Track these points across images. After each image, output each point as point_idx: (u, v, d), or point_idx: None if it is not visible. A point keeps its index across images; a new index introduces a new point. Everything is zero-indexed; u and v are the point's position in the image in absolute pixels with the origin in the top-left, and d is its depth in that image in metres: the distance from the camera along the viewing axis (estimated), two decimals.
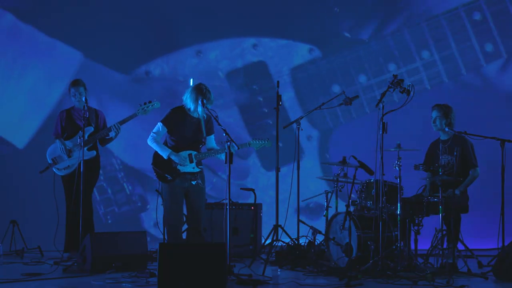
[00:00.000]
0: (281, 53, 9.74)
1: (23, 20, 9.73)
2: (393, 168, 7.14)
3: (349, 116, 9.49)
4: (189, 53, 9.85)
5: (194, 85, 7.20)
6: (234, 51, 9.78)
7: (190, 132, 7.22)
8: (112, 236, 7.19)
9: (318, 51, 9.60)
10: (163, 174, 7.18)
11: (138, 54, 9.87)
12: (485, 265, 7.51)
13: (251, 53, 9.80)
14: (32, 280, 6.69)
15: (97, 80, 9.65)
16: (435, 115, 7.68)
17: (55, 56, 9.74)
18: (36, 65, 9.68)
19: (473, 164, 7.64)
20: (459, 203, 7.42)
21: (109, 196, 9.82)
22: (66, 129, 7.97)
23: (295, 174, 7.84)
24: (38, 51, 9.74)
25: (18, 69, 9.73)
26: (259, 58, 9.78)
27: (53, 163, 7.96)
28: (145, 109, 7.79)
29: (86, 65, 9.74)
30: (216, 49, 9.84)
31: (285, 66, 9.72)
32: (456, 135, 7.65)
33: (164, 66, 9.78)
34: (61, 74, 9.60)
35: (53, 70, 9.57)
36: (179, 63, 9.84)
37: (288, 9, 9.69)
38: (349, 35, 9.55)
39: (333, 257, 7.47)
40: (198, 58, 9.78)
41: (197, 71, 9.79)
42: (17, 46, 9.76)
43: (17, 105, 9.53)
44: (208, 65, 9.83)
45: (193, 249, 6.28)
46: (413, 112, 7.88)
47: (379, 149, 6.92)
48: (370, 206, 7.46)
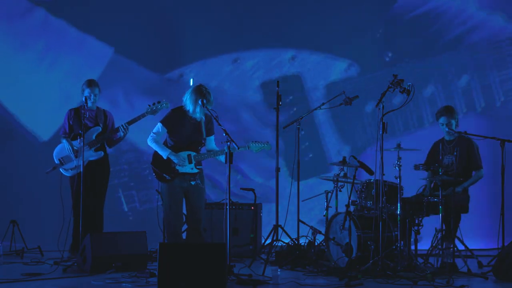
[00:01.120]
0: (319, 67, 9.69)
1: (54, 15, 9.72)
2: (393, 168, 7.15)
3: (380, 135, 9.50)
4: (226, 60, 9.82)
5: (193, 87, 7.20)
6: (271, 62, 9.75)
7: (189, 132, 7.23)
8: (112, 236, 7.19)
9: (355, 69, 9.56)
10: (162, 174, 7.19)
11: (173, 56, 9.85)
12: (485, 265, 7.52)
13: (289, 65, 9.77)
14: (32, 280, 6.68)
15: (126, 76, 9.66)
16: (446, 121, 7.68)
17: (85, 51, 9.73)
18: (66, 59, 9.67)
19: (478, 165, 7.65)
20: (459, 203, 7.43)
21: (133, 193, 9.82)
22: (74, 128, 7.96)
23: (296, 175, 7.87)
24: (68, 46, 9.74)
25: (47, 63, 9.73)
26: (296, 70, 9.74)
27: (60, 164, 7.94)
28: (153, 109, 7.78)
29: (117, 60, 9.73)
30: (254, 58, 9.81)
31: (322, 81, 9.67)
32: (461, 136, 7.67)
33: (200, 71, 9.77)
34: (90, 69, 9.57)
35: (82, 64, 9.56)
36: (215, 69, 9.82)
37: (329, 24, 9.66)
38: (390, 57, 9.53)
39: (333, 257, 7.47)
40: (234, 65, 9.77)
41: (232, 78, 9.80)
42: (47, 40, 9.74)
43: (44, 98, 9.50)
44: (243, 74, 9.81)
45: (193, 249, 6.28)
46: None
47: (379, 149, 6.93)
48: (370, 206, 7.46)
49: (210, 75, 9.73)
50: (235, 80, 9.79)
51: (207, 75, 9.70)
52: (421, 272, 6.83)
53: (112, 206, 9.35)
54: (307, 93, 9.45)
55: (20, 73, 9.74)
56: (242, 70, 9.82)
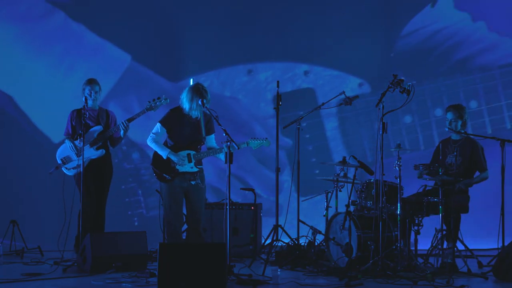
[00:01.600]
0: (332, 83, 9.72)
1: (74, 19, 9.73)
2: (393, 168, 7.15)
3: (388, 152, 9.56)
4: (241, 71, 9.85)
5: (191, 85, 7.21)
6: (285, 75, 9.77)
7: (188, 131, 7.23)
8: (112, 236, 7.19)
9: (367, 87, 9.60)
10: (162, 174, 7.19)
11: (188, 65, 9.86)
12: (485, 265, 7.52)
13: (302, 79, 9.80)
14: (32, 280, 6.69)
15: (142, 83, 9.69)
16: (450, 117, 7.68)
17: (103, 57, 9.73)
18: (83, 64, 9.65)
19: (483, 167, 7.67)
20: (459, 203, 7.43)
21: (139, 199, 9.82)
22: (76, 129, 7.96)
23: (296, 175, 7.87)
24: (86, 50, 9.73)
25: (64, 67, 9.71)
26: (309, 85, 9.78)
27: (62, 163, 7.96)
28: (152, 105, 7.77)
29: (133, 68, 9.75)
30: (268, 70, 9.84)
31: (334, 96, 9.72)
32: (468, 137, 7.68)
33: (214, 80, 9.79)
34: (107, 75, 9.58)
35: (99, 70, 9.54)
36: (229, 79, 9.84)
37: (342, 41, 9.72)
38: (402, 78, 9.53)
39: (333, 257, 7.47)
40: (248, 76, 9.80)
41: (246, 89, 9.83)
42: (65, 44, 9.73)
43: (60, 102, 9.43)
44: (257, 85, 9.85)
45: (193, 249, 6.28)
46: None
47: (379, 149, 6.93)
48: (370, 206, 7.46)
49: (224, 85, 9.80)
50: (249, 91, 9.84)
51: (222, 85, 9.77)
52: (421, 272, 6.83)
53: (120, 210, 9.38)
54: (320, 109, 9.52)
55: (37, 76, 9.71)
56: (256, 81, 9.87)
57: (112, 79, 9.51)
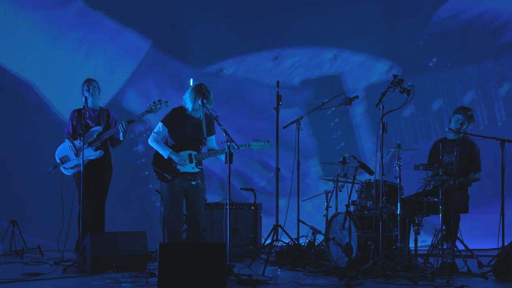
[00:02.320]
0: (360, 68, 9.62)
1: (92, 7, 9.72)
2: (393, 168, 7.15)
3: (416, 139, 9.47)
4: (267, 57, 9.75)
5: (193, 85, 7.19)
6: (312, 61, 9.67)
7: (190, 132, 7.23)
8: (112, 236, 7.19)
9: (397, 71, 9.35)
10: (163, 174, 7.19)
11: (213, 50, 9.77)
12: (485, 265, 7.52)
13: (329, 64, 9.67)
14: (32, 280, 6.68)
15: (162, 69, 9.63)
16: (461, 120, 7.68)
17: (122, 43, 9.70)
18: (100, 52, 9.66)
19: (477, 168, 7.66)
20: (459, 202, 7.43)
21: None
22: (77, 129, 7.96)
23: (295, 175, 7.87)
24: (104, 38, 9.71)
25: (82, 55, 9.71)
26: (336, 70, 9.64)
27: (61, 163, 7.97)
28: (153, 108, 7.76)
29: (153, 54, 9.70)
30: (294, 56, 9.73)
31: (362, 81, 9.61)
32: (465, 137, 7.68)
33: (239, 67, 9.72)
34: (126, 61, 9.58)
35: (118, 57, 9.55)
36: (254, 66, 9.76)
37: (371, 25, 9.59)
38: (432, 62, 9.47)
39: (333, 257, 7.47)
40: (274, 62, 9.70)
41: (271, 75, 9.73)
42: (83, 32, 9.73)
43: (78, 90, 9.51)
44: (283, 71, 9.74)
45: (193, 249, 6.28)
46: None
47: (379, 149, 6.93)
48: (370, 206, 7.46)
49: (249, 71, 9.68)
50: (275, 78, 9.65)
51: (247, 71, 9.66)
52: (421, 272, 6.83)
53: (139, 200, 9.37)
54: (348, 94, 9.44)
55: (56, 62, 9.68)
56: (282, 67, 9.73)
57: (131, 65, 9.48)
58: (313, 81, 9.28)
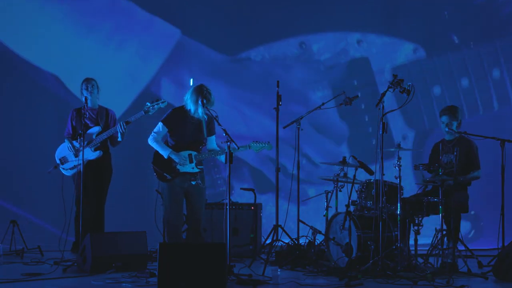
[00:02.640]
0: (385, 50, 9.62)
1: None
2: (393, 168, 7.15)
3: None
4: (292, 44, 9.76)
5: (194, 86, 7.19)
6: (338, 45, 9.67)
7: (190, 132, 7.23)
8: (112, 236, 7.19)
9: (422, 51, 9.45)
10: (163, 173, 7.19)
11: (241, 38, 9.81)
12: (485, 265, 7.51)
13: (355, 48, 9.68)
14: (32, 280, 6.68)
15: (193, 57, 9.64)
16: (447, 120, 7.70)
17: (153, 33, 9.70)
18: (133, 41, 9.64)
19: (476, 166, 7.66)
20: (459, 202, 7.43)
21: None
22: (77, 129, 7.96)
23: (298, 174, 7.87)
24: (136, 27, 9.71)
25: (114, 44, 9.69)
26: (362, 54, 9.65)
27: (61, 163, 7.97)
28: (150, 108, 7.77)
29: (184, 42, 9.71)
30: (319, 41, 9.73)
31: (388, 64, 9.60)
32: (462, 137, 7.68)
33: (266, 54, 9.72)
34: (157, 50, 9.58)
35: (149, 46, 9.54)
36: (280, 53, 9.77)
37: (394, 6, 9.59)
38: (457, 40, 9.41)
39: (333, 257, 7.47)
40: (300, 49, 9.69)
41: (299, 62, 9.75)
42: (115, 21, 9.70)
43: (111, 80, 9.38)
44: (309, 57, 9.75)
45: (193, 249, 6.28)
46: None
47: (379, 149, 6.93)
48: (370, 206, 7.46)
49: (276, 59, 9.70)
50: (302, 64, 9.71)
51: (273, 59, 9.67)
52: (421, 272, 6.83)
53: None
54: (375, 76, 9.38)
55: (86, 54, 9.66)
56: (309, 53, 9.74)
57: (163, 54, 9.48)
58: (340, 65, 9.27)
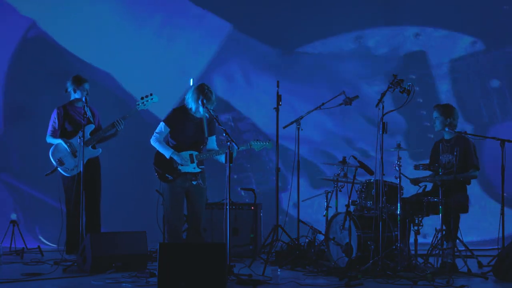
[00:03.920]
0: (443, 43, 9.51)
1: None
2: (393, 168, 7.15)
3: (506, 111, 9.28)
4: (348, 39, 9.71)
5: (195, 86, 7.20)
6: (394, 39, 9.61)
7: (191, 132, 7.23)
8: (112, 236, 7.19)
9: (481, 44, 9.32)
10: (164, 174, 7.19)
11: (294, 33, 9.75)
12: (485, 265, 7.51)
13: (412, 42, 9.61)
14: (32, 280, 6.69)
15: (244, 52, 9.62)
16: (434, 116, 7.71)
17: (203, 27, 9.67)
18: (183, 35, 9.61)
19: (474, 164, 7.65)
20: (459, 202, 7.43)
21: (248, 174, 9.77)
22: (66, 126, 7.93)
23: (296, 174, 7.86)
24: (186, 21, 9.67)
25: (164, 38, 9.68)
26: (419, 47, 9.56)
27: (60, 163, 7.91)
28: (144, 103, 7.79)
29: (235, 36, 9.67)
30: (376, 36, 9.68)
31: (445, 57, 9.51)
32: (460, 136, 7.68)
33: (321, 49, 9.67)
34: (208, 44, 9.56)
35: (200, 40, 9.52)
36: (336, 48, 9.70)
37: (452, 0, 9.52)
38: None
39: (333, 257, 7.47)
40: (356, 43, 9.64)
41: (355, 56, 9.69)
42: (165, 15, 9.68)
43: (162, 74, 9.40)
44: (366, 52, 9.68)
45: (193, 249, 6.28)
46: None
47: (379, 149, 6.93)
48: (370, 206, 7.46)
49: (331, 53, 9.66)
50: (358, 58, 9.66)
51: (329, 54, 9.63)
52: (421, 272, 6.83)
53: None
54: (432, 70, 9.29)
55: (136, 48, 9.64)
56: (365, 48, 9.69)
57: (213, 48, 9.46)
58: (396, 59, 9.23)
